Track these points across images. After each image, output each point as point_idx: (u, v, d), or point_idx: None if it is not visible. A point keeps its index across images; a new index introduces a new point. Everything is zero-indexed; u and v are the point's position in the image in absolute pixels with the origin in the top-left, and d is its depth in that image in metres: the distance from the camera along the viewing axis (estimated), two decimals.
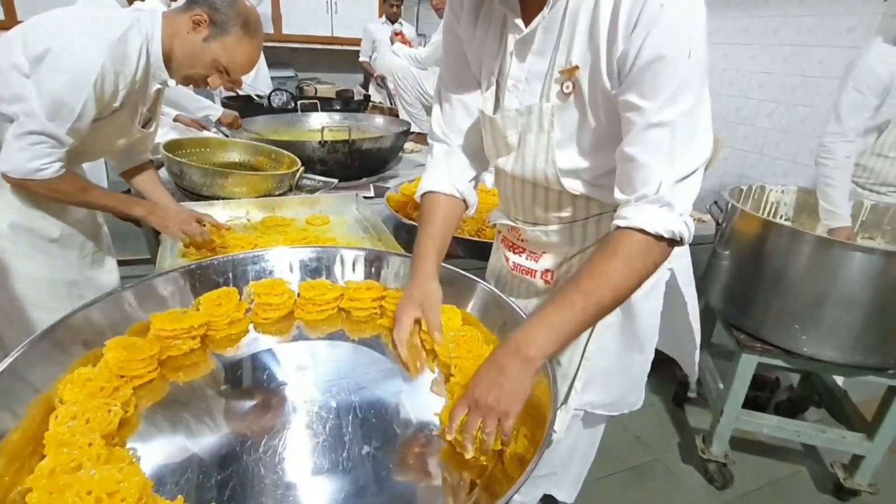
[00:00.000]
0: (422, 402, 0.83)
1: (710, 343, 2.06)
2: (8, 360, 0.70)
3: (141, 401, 0.77)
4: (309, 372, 0.88)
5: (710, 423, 1.81)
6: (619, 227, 0.77)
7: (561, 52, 0.80)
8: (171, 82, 1.20)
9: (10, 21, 3.76)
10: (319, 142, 2.12)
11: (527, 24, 0.81)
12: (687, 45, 0.69)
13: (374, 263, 1.11)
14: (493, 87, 0.91)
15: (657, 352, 2.35)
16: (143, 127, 1.30)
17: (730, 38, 3.50)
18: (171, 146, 1.86)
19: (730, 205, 1.73)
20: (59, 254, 1.24)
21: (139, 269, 1.89)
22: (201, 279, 1.01)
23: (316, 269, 1.11)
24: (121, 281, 1.43)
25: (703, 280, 1.87)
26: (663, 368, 2.37)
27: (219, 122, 2.53)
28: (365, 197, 1.86)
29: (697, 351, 1.22)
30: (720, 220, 1.80)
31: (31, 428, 0.68)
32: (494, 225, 1.13)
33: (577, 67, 0.78)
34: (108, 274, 1.39)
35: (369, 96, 4.58)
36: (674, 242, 0.77)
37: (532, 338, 0.74)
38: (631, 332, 1.01)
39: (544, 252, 1.03)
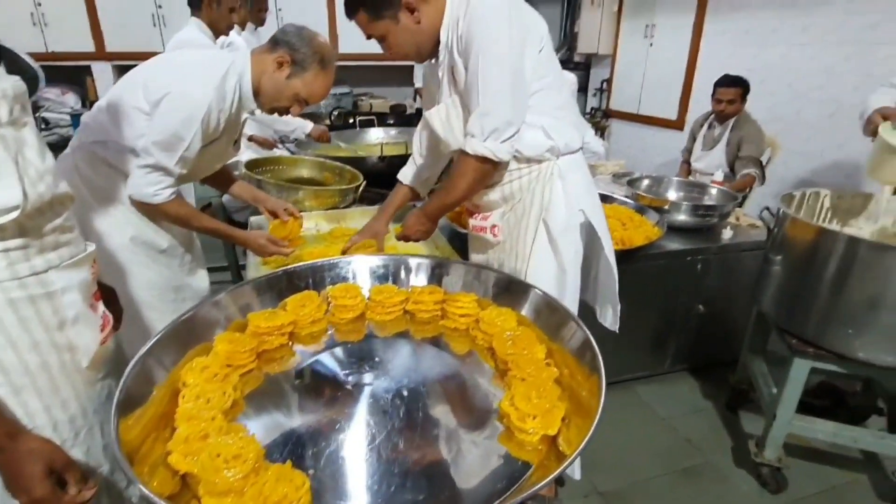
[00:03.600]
0: (482, 393, 0.93)
1: (765, 349, 2.05)
2: (141, 352, 0.86)
3: (244, 387, 0.92)
4: (382, 365, 1.00)
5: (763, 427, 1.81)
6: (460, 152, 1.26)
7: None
8: (258, 112, 1.37)
9: (100, 52, 4.14)
10: (379, 157, 2.28)
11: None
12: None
13: (436, 270, 1.23)
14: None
15: (705, 356, 2.38)
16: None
17: (788, 38, 3.42)
18: (251, 165, 2.07)
19: (781, 211, 1.75)
20: (165, 262, 1.43)
21: (219, 275, 2.09)
22: (287, 283, 1.16)
23: (384, 276, 1.24)
24: (210, 286, 1.61)
25: (756, 285, 1.88)
26: (716, 374, 2.37)
27: (309, 136, 2.77)
28: None
29: (616, 296, 1.49)
30: (772, 226, 1.82)
31: (161, 406, 0.83)
32: None
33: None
34: (202, 281, 1.57)
35: (421, 109, 4.73)
36: (484, 160, 1.22)
37: (430, 211, 1.40)
38: (558, 261, 1.36)
39: (490, 211, 1.42)
